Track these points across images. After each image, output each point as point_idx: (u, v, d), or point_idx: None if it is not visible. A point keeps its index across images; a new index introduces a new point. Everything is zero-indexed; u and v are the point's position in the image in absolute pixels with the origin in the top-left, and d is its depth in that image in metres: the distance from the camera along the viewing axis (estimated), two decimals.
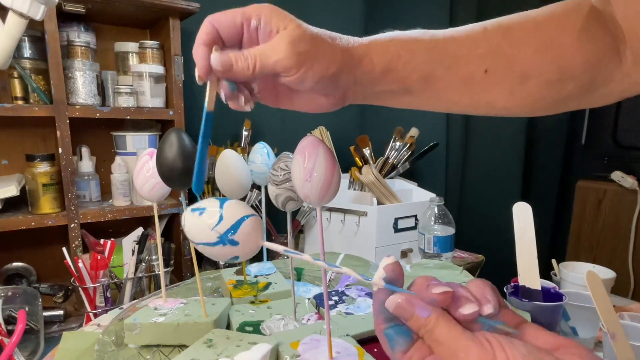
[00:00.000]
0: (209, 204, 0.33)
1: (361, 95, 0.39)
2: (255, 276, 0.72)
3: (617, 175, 1.45)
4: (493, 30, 0.38)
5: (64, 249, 0.86)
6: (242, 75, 0.34)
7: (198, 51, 0.33)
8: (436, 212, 1.03)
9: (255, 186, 1.00)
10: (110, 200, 1.07)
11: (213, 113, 0.35)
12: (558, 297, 0.62)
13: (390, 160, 1.29)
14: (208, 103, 0.35)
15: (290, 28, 0.33)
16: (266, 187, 0.57)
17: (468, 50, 0.37)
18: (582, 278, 0.59)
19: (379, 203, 1.11)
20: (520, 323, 0.27)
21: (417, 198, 1.22)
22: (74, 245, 0.96)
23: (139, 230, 1.00)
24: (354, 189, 1.22)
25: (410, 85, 0.38)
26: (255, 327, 0.56)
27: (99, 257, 0.86)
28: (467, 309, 0.25)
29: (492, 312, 0.25)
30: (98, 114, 0.97)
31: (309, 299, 0.66)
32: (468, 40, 0.38)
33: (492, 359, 0.23)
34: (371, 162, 1.24)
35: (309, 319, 0.59)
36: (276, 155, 0.57)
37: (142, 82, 1.05)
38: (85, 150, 1.03)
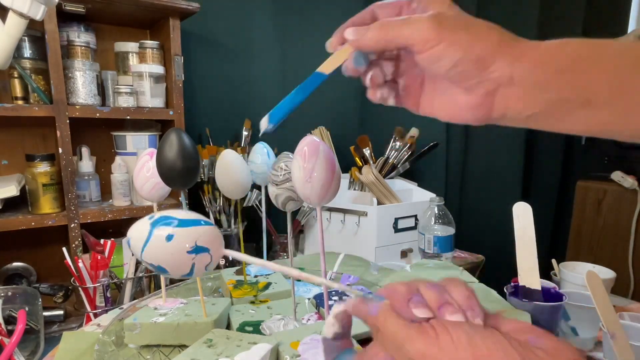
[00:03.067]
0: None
1: (518, 103, 0.30)
2: (255, 276, 0.72)
3: (617, 175, 1.44)
4: None
5: (64, 249, 0.86)
6: (373, 42, 0.31)
7: (343, 26, 0.34)
8: (436, 212, 1.03)
9: (255, 186, 1.00)
10: (110, 200, 1.07)
11: (324, 76, 0.34)
12: (558, 297, 0.62)
13: (390, 160, 1.29)
14: (325, 65, 0.34)
15: (445, 7, 0.31)
16: (266, 187, 0.57)
17: None
18: (582, 278, 0.59)
19: (379, 203, 1.11)
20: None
21: (417, 198, 1.22)
22: (74, 245, 0.96)
23: None
24: (354, 189, 1.22)
25: (593, 93, 0.28)
26: (255, 327, 0.56)
27: (99, 257, 0.86)
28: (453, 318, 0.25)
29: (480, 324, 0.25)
30: (98, 114, 0.97)
31: (309, 299, 0.66)
32: None
33: (436, 344, 0.23)
34: (371, 162, 1.24)
35: (309, 319, 0.59)
36: (276, 155, 0.57)
37: (142, 82, 1.05)
38: (85, 150, 1.03)
